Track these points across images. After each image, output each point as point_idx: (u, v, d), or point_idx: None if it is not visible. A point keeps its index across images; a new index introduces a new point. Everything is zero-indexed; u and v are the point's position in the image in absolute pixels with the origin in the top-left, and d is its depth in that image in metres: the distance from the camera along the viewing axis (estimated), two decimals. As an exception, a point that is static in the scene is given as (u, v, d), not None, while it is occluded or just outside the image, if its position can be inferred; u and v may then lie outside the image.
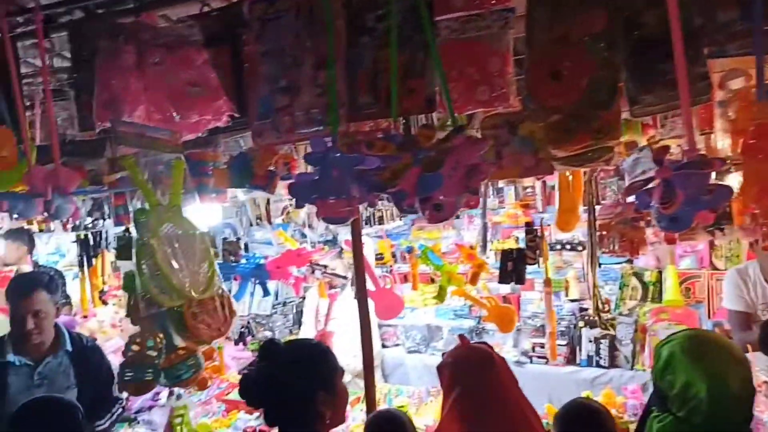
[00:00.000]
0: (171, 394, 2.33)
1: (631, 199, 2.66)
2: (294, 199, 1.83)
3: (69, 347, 2.74)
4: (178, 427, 2.17)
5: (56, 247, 6.11)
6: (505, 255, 2.64)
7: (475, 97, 2.19)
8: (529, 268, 2.74)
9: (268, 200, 5.00)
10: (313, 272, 3.43)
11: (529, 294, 4.33)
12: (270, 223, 5.02)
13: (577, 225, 2.65)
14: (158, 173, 1.96)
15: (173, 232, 1.79)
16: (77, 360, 2.73)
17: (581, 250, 4.33)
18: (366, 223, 4.33)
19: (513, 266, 2.65)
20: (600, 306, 2.80)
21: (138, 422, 3.68)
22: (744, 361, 1.41)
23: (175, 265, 1.74)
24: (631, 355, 3.83)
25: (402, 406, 3.22)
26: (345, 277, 3.69)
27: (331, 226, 4.99)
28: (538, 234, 2.67)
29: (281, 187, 2.79)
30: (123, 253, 1.98)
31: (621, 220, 2.47)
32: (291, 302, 4.91)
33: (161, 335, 1.84)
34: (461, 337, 1.83)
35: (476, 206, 1.60)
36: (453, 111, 1.74)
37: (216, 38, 2.35)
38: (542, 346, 4.00)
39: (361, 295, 2.43)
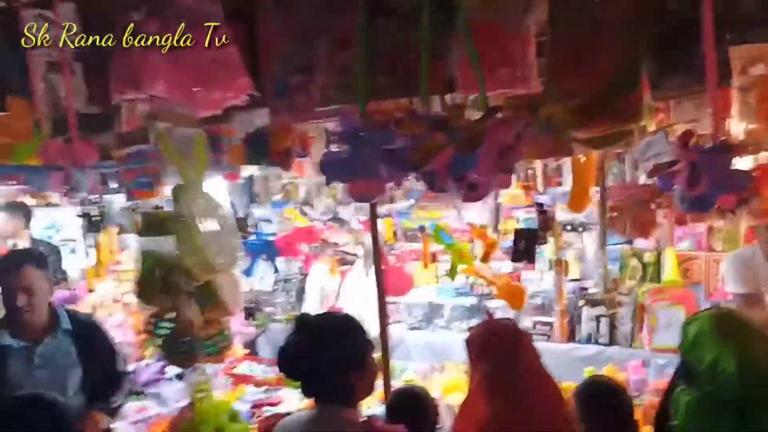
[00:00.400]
0: (194, 368, 2.33)
1: (643, 180, 2.72)
2: (324, 177, 1.84)
3: (68, 326, 2.64)
4: (199, 403, 2.18)
5: (51, 222, 6.07)
6: (518, 235, 2.68)
7: (496, 78, 2.21)
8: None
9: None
10: (324, 249, 3.44)
11: (529, 273, 4.38)
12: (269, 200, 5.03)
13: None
14: (181, 149, 1.96)
15: (203, 207, 1.80)
16: (78, 338, 2.64)
17: (581, 231, 4.40)
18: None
19: (525, 246, 2.69)
20: (609, 285, 2.88)
21: (146, 395, 3.73)
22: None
23: (209, 240, 1.76)
24: (630, 334, 3.92)
25: (410, 380, 3.29)
26: (356, 255, 3.71)
27: (332, 204, 5.03)
28: (549, 215, 2.71)
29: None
30: (149, 229, 1.98)
31: (633, 201, 2.51)
32: (293, 279, 4.94)
33: (191, 310, 1.86)
34: (488, 312, 1.87)
35: (509, 186, 1.63)
36: (485, 92, 1.75)
37: (232, 14, 2.34)
38: (543, 323, 4.07)
39: (378, 273, 2.46)
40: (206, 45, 2.00)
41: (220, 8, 2.11)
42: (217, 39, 2.04)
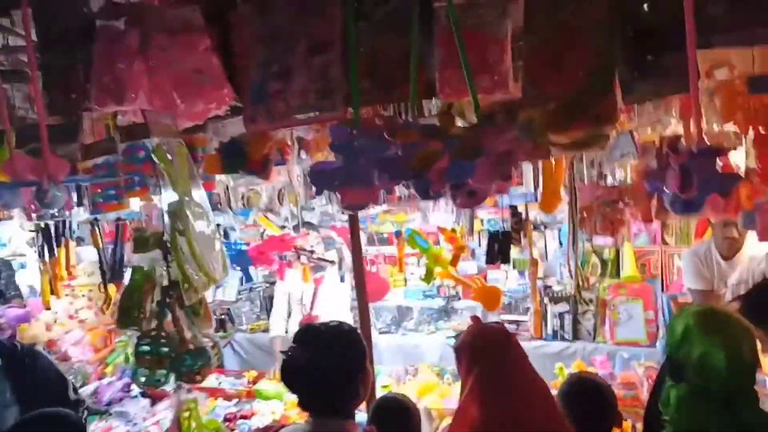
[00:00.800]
0: (179, 386, 2.25)
1: (610, 181, 2.83)
2: (313, 186, 1.84)
3: None
4: (186, 422, 2.10)
5: (-2, 236, 5.78)
6: (492, 237, 2.74)
7: (475, 84, 2.26)
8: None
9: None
10: (298, 257, 3.41)
11: (495, 273, 4.48)
12: (231, 208, 4.94)
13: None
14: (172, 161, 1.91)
15: (197, 220, 1.77)
16: (13, 373, 2.34)
17: (543, 230, 4.54)
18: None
19: (499, 248, 2.75)
20: (581, 283, 2.99)
21: (111, 414, 3.60)
22: (750, 331, 1.55)
23: (208, 252, 1.73)
24: (592, 328, 4.07)
25: (386, 386, 3.31)
26: (332, 262, 3.70)
27: (295, 210, 5.00)
28: (522, 216, 2.78)
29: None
30: (140, 246, 1.91)
31: (602, 201, 2.61)
32: (258, 288, 4.87)
33: (186, 324, 1.81)
34: (474, 317, 1.90)
35: (506, 191, 1.67)
36: (477, 98, 1.78)
37: (206, 20, 2.30)
38: (511, 322, 4.17)
39: (359, 279, 2.47)
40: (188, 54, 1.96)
41: (200, 15, 2.07)
42: (198, 48, 2.01)
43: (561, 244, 4.30)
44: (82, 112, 2.53)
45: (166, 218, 1.75)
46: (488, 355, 1.75)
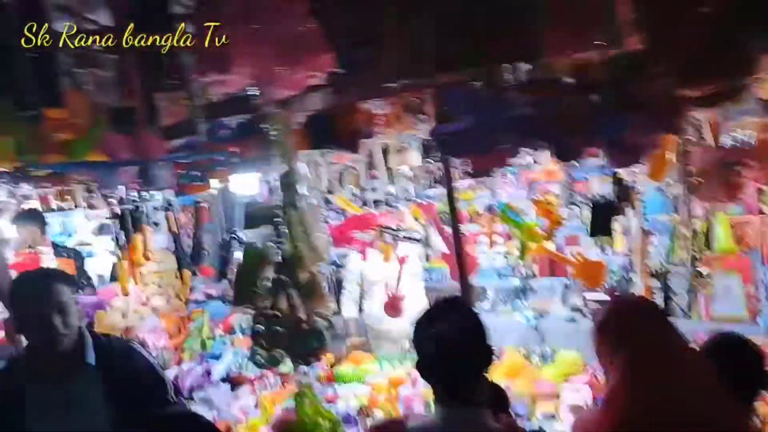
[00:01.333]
0: (297, 369, 2.15)
1: (729, 142, 2.61)
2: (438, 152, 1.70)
3: (92, 360, 1.98)
4: (302, 407, 1.98)
5: (62, 226, 5.84)
6: (596, 207, 2.57)
7: (588, 38, 2.09)
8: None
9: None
10: (382, 236, 3.29)
11: (571, 248, 4.27)
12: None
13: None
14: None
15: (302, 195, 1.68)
16: (112, 373, 1.99)
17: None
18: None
19: (602, 220, 2.58)
20: (699, 255, 2.79)
21: (194, 401, 3.57)
22: None
23: (312, 225, 1.64)
24: (687, 305, 3.82)
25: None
26: (418, 240, 3.58)
27: (355, 189, 4.92)
28: (625, 185, 2.61)
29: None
30: (253, 222, 1.82)
31: (720, 165, 2.41)
32: (324, 271, 4.76)
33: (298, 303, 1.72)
34: (614, 293, 1.74)
35: (658, 148, 1.51)
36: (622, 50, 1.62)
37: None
38: (596, 301, 3.97)
39: (460, 258, 2.34)
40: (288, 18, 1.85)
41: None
42: (298, 12, 1.90)
43: (644, 215, 4.05)
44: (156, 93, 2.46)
45: (279, 190, 1.65)
46: (640, 334, 1.58)
